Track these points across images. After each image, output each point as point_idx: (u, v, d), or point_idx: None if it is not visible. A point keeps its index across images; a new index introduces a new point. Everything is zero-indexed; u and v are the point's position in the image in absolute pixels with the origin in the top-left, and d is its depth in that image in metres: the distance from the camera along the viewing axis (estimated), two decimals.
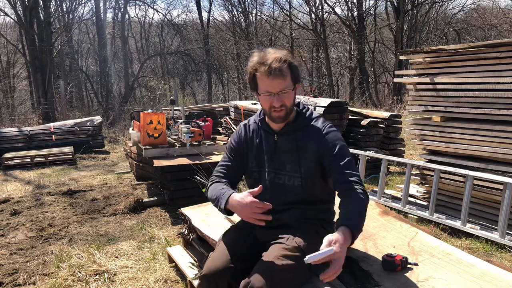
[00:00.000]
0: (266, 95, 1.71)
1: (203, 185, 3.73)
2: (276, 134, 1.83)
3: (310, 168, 1.76)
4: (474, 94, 3.38)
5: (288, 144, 1.80)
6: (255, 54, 1.73)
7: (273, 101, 1.70)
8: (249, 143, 1.90)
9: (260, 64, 1.68)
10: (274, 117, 1.75)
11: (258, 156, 1.87)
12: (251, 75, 1.74)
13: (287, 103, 1.72)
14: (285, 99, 1.71)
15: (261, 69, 1.67)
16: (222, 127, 8.52)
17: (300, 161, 1.78)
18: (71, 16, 19.33)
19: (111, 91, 19.60)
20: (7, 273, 2.94)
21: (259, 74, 1.69)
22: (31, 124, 11.42)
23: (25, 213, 4.40)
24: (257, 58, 1.71)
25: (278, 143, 1.82)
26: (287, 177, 1.80)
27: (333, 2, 28.62)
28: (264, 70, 1.66)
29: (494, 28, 18.82)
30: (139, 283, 2.67)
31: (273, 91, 1.69)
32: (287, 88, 1.70)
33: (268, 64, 1.65)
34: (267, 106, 1.74)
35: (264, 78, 1.68)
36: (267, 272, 1.55)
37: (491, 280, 1.67)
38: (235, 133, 1.98)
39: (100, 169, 6.84)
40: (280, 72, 1.66)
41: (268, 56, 1.68)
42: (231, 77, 24.31)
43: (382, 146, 6.08)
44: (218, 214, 2.60)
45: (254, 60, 1.71)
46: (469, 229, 3.28)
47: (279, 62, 1.66)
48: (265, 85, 1.70)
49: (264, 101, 1.74)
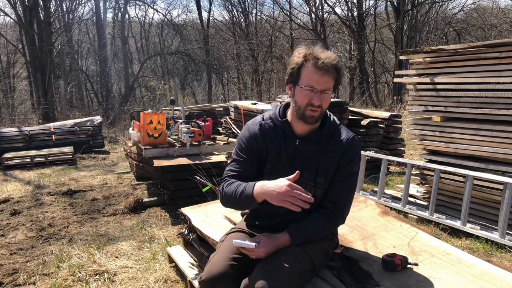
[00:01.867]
0: (308, 89, 1.61)
1: (203, 185, 3.72)
2: (298, 139, 1.73)
3: (326, 178, 1.72)
4: (474, 94, 3.38)
5: (309, 151, 1.73)
6: (304, 47, 1.65)
7: (314, 98, 1.61)
8: (267, 143, 1.76)
9: (312, 57, 1.60)
10: (308, 115, 1.65)
11: (275, 160, 1.76)
12: (297, 65, 1.63)
13: (324, 105, 1.66)
14: (324, 100, 1.64)
15: (313, 61, 1.60)
16: (222, 127, 8.52)
17: (318, 171, 1.72)
18: (71, 16, 19.33)
19: (111, 91, 19.59)
20: (7, 273, 2.94)
21: (309, 65, 1.60)
22: (31, 124, 11.41)
23: (25, 213, 4.40)
24: (308, 50, 1.63)
25: (299, 149, 1.73)
26: (302, 185, 1.65)
27: (333, 2, 28.65)
28: (317, 63, 1.58)
29: (494, 28, 18.82)
30: (139, 283, 2.67)
31: (318, 88, 1.60)
32: (329, 89, 1.63)
33: (322, 59, 1.59)
34: (304, 102, 1.63)
35: (313, 71, 1.59)
36: (269, 272, 1.54)
37: (491, 280, 1.67)
38: (248, 132, 1.80)
39: (100, 169, 6.84)
40: (331, 70, 1.60)
41: (320, 51, 1.62)
42: (231, 77, 24.31)
43: (382, 146, 6.08)
44: (218, 214, 2.60)
45: (304, 52, 1.63)
46: (469, 229, 3.28)
47: (333, 60, 1.60)
48: (312, 79, 1.60)
49: (303, 95, 1.63)
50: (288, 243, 1.68)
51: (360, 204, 2.61)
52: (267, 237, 1.67)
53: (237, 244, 1.65)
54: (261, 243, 1.64)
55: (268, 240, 1.65)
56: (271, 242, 1.65)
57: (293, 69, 1.65)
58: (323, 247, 1.77)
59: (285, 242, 1.68)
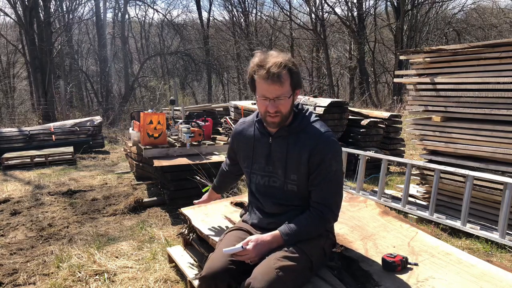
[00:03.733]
0: (262, 99, 1.68)
1: (203, 185, 3.72)
2: (271, 137, 1.80)
3: (300, 175, 1.74)
4: (474, 94, 3.38)
5: (280, 148, 1.77)
6: (257, 55, 1.69)
7: (268, 106, 1.67)
8: (242, 142, 1.92)
9: (259, 67, 1.64)
10: (268, 122, 1.73)
11: (250, 157, 1.87)
12: (250, 76, 1.71)
13: (283, 110, 1.68)
14: (281, 105, 1.67)
15: (259, 72, 1.64)
16: (222, 127, 8.52)
17: (288, 168, 1.76)
18: (71, 16, 19.33)
19: (111, 91, 19.60)
20: (7, 273, 2.94)
21: (257, 77, 1.66)
22: (31, 124, 11.41)
23: (25, 213, 4.40)
24: (257, 59, 1.66)
25: (273, 146, 1.80)
26: (280, 181, 1.79)
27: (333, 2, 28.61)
28: (262, 74, 1.63)
29: (494, 28, 18.81)
30: (139, 283, 2.67)
31: (269, 96, 1.66)
32: (283, 95, 1.66)
33: (266, 68, 1.61)
34: (262, 110, 1.72)
35: (261, 82, 1.65)
36: (268, 272, 1.55)
37: (491, 280, 1.67)
38: (232, 133, 2.04)
39: (100, 169, 6.84)
40: (278, 78, 1.61)
41: (268, 59, 1.64)
42: (231, 77, 24.32)
43: (382, 146, 6.08)
44: (218, 214, 2.61)
45: (255, 62, 1.67)
46: (469, 229, 3.28)
47: (278, 67, 1.61)
48: (262, 89, 1.66)
49: (260, 104, 1.72)
50: (281, 243, 1.69)
51: (360, 204, 2.61)
52: (257, 239, 1.68)
53: (227, 252, 1.66)
54: (251, 245, 1.65)
55: (258, 243, 1.67)
56: (261, 243, 1.67)
57: (249, 81, 1.74)
58: (319, 244, 1.78)
59: (277, 242, 1.69)
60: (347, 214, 2.44)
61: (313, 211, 1.74)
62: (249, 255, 1.65)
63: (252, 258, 1.65)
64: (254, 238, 1.68)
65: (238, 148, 1.96)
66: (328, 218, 1.76)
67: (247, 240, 1.68)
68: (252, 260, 1.65)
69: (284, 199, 1.80)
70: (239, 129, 1.96)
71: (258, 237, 1.69)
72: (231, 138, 2.05)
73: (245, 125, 1.94)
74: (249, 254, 1.65)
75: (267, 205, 1.83)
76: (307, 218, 1.73)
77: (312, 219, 1.73)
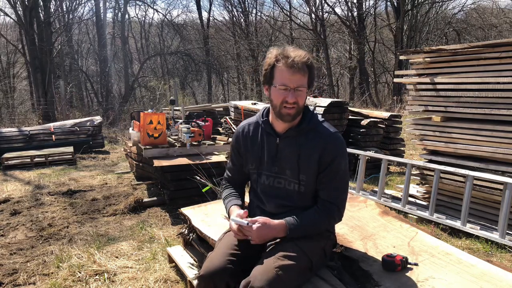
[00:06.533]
0: (282, 88, 1.66)
1: (203, 185, 3.72)
2: (279, 137, 1.79)
3: (309, 175, 1.75)
4: (474, 94, 3.38)
5: (290, 149, 1.77)
6: (275, 48, 1.71)
7: (288, 96, 1.66)
8: (249, 144, 1.88)
9: (283, 56, 1.65)
10: (284, 113, 1.70)
11: (258, 158, 1.85)
12: (270, 66, 1.69)
13: (300, 102, 1.69)
14: (299, 97, 1.68)
15: (283, 61, 1.65)
16: (222, 127, 8.52)
17: (300, 168, 1.76)
18: (71, 16, 19.32)
19: (111, 91, 19.60)
20: (7, 273, 2.94)
21: (280, 65, 1.66)
22: (31, 124, 11.41)
23: (25, 213, 4.40)
24: (279, 51, 1.68)
25: (280, 147, 1.79)
26: (287, 182, 1.79)
27: (333, 2, 28.65)
28: (287, 62, 1.64)
29: (494, 28, 18.80)
30: (139, 283, 2.67)
31: (291, 85, 1.65)
32: (303, 86, 1.67)
33: (292, 57, 1.64)
34: (279, 100, 1.68)
35: (284, 70, 1.65)
36: (267, 271, 1.55)
37: (491, 280, 1.67)
38: (234, 135, 1.97)
39: (100, 169, 6.84)
40: (302, 67, 1.64)
41: (291, 51, 1.67)
42: (231, 77, 24.32)
43: (382, 146, 6.08)
44: (218, 214, 2.61)
45: (275, 52, 1.69)
46: (469, 229, 3.28)
47: (303, 58, 1.65)
48: (284, 77, 1.65)
49: (277, 94, 1.68)
50: (283, 234, 1.70)
51: (360, 204, 2.61)
52: (264, 222, 1.68)
53: (234, 221, 1.72)
54: (255, 226, 1.66)
55: (263, 226, 1.67)
56: (265, 228, 1.67)
57: (267, 70, 1.72)
58: (320, 245, 1.78)
59: (281, 232, 1.70)
60: (347, 214, 2.43)
61: (321, 208, 1.75)
62: (252, 234, 1.67)
63: (253, 238, 1.68)
64: (261, 220, 1.69)
65: (246, 150, 1.90)
66: (334, 216, 1.78)
67: (255, 218, 1.70)
68: (253, 240, 1.68)
69: (287, 199, 1.80)
70: (245, 131, 1.91)
71: (266, 220, 1.69)
72: (235, 142, 1.95)
73: (250, 126, 1.90)
74: (252, 234, 1.67)
75: (270, 206, 1.83)
76: (314, 213, 1.74)
77: (319, 215, 1.74)
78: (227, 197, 1.98)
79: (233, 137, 1.98)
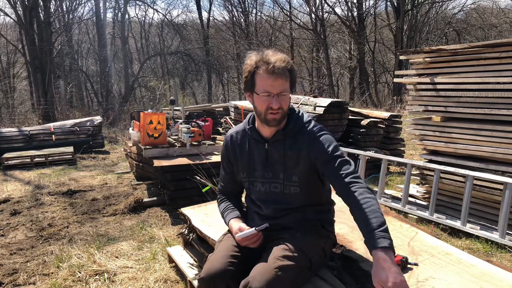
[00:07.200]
0: (265, 95, 1.63)
1: (203, 185, 3.72)
2: (267, 143, 1.77)
3: (303, 175, 1.73)
4: (474, 94, 3.38)
5: (279, 152, 1.75)
6: (254, 54, 1.67)
7: (272, 102, 1.63)
8: (237, 153, 1.85)
9: (263, 63, 1.62)
10: (270, 119, 1.67)
11: (248, 166, 1.82)
12: (250, 73, 1.66)
13: (284, 106, 1.67)
14: (283, 102, 1.65)
15: (263, 67, 1.62)
16: (222, 127, 8.52)
17: (292, 170, 1.74)
18: (71, 16, 19.34)
19: (111, 91, 19.60)
20: (7, 273, 2.94)
21: (261, 72, 1.62)
22: (31, 124, 11.41)
23: (25, 213, 4.40)
24: (258, 56, 1.65)
25: (270, 152, 1.76)
26: (282, 185, 1.76)
27: (333, 2, 28.67)
28: (267, 69, 1.60)
29: (494, 28, 18.81)
30: (139, 283, 2.67)
31: (273, 92, 1.62)
32: (286, 91, 1.65)
33: (272, 63, 1.60)
34: (263, 107, 1.65)
35: (265, 77, 1.62)
36: (267, 272, 1.54)
37: (491, 280, 1.67)
38: (224, 143, 1.93)
39: (100, 169, 6.84)
40: (283, 72, 1.62)
41: (270, 55, 1.63)
42: (231, 77, 24.31)
43: (382, 146, 6.08)
44: (218, 214, 2.59)
45: (255, 58, 1.65)
46: (469, 229, 3.28)
47: (283, 62, 1.62)
48: (266, 84, 1.62)
49: (261, 101, 1.66)
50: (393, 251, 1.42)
51: None
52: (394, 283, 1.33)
53: (240, 236, 1.70)
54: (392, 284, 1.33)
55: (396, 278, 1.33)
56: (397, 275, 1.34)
57: (247, 78, 1.68)
58: (320, 245, 1.77)
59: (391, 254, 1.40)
60: (347, 214, 2.43)
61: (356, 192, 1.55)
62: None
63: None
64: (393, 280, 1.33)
65: (235, 159, 1.87)
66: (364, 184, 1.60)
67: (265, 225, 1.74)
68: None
69: (285, 203, 1.78)
70: (234, 139, 1.87)
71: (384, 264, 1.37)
72: (224, 150, 1.92)
73: (238, 134, 1.87)
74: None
75: (268, 211, 1.81)
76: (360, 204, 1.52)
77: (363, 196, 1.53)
78: (224, 211, 1.95)
79: (222, 146, 1.94)
